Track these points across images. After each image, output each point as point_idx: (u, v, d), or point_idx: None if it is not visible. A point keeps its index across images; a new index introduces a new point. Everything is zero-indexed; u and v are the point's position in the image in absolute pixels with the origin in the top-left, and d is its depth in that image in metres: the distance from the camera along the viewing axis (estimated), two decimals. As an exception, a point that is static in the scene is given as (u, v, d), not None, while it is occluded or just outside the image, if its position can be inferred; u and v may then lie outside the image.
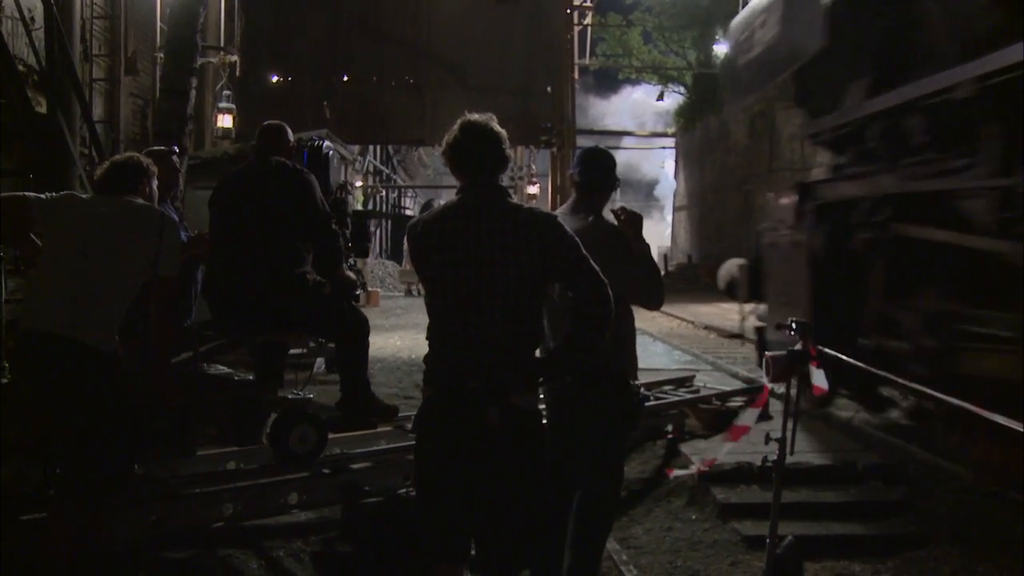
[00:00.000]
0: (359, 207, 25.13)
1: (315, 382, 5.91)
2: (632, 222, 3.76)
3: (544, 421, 3.34)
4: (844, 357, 4.03)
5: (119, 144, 11.91)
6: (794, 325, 3.97)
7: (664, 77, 34.68)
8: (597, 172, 3.94)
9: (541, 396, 3.27)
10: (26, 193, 3.90)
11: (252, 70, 15.17)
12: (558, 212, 3.99)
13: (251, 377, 5.45)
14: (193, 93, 8.82)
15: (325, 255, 4.96)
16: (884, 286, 6.20)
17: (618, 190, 4.46)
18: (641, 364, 4.19)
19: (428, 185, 34.90)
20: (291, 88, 15.51)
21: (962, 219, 5.24)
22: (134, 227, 3.88)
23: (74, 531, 3.77)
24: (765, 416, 5.44)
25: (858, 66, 6.67)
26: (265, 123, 5.19)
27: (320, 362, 7.73)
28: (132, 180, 4.00)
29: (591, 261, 2.96)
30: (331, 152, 6.16)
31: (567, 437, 3.80)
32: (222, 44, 13.95)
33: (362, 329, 5.06)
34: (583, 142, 23.31)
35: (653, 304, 3.99)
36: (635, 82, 34.88)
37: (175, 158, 4.84)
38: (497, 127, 3.07)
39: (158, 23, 12.72)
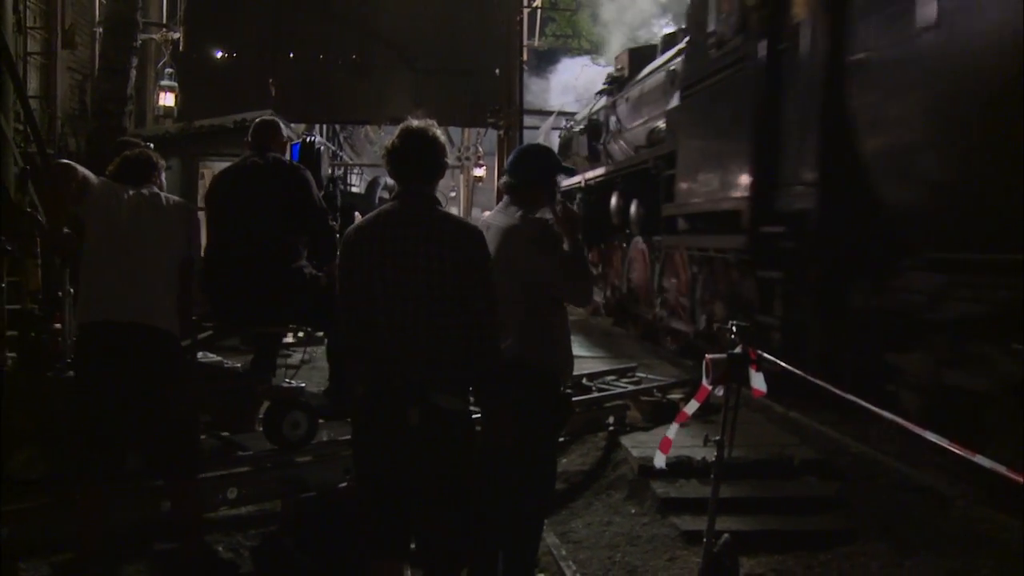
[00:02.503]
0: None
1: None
2: (567, 219, 3.74)
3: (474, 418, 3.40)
4: (783, 363, 4.09)
5: (56, 120, 11.59)
6: (734, 328, 4.02)
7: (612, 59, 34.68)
8: (524, 168, 3.90)
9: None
10: (77, 165, 4.10)
11: (196, 46, 14.85)
12: (493, 210, 4.01)
13: (238, 366, 5.75)
14: (133, 72, 8.59)
15: (322, 249, 5.10)
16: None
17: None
18: (584, 353, 4.24)
19: (375, 164, 34.58)
20: (235, 65, 15.23)
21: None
22: (170, 215, 4.14)
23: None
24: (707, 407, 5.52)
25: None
26: (259, 119, 5.38)
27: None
28: (146, 172, 4.25)
29: (489, 290, 3.12)
30: (321, 147, 6.32)
31: (494, 434, 3.81)
32: (164, 20, 13.62)
33: None
34: (530, 122, 23.28)
35: (581, 302, 4.00)
36: (574, 54, 34.78)
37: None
38: (436, 133, 3.21)
39: (96, -2, 12.39)
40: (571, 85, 25.30)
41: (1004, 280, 4.89)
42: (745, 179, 7.28)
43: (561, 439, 6.42)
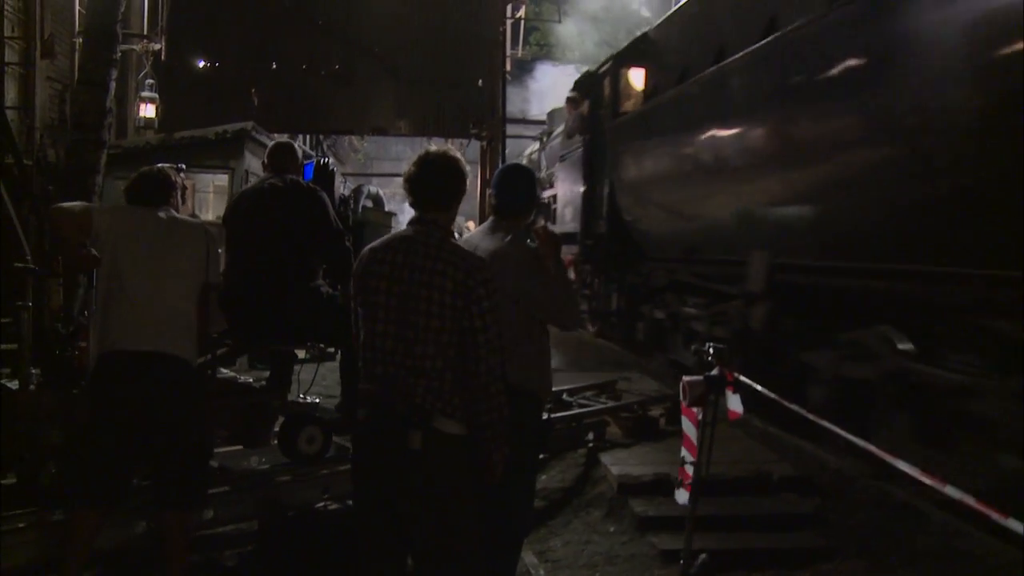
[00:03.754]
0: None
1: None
2: (548, 242, 3.78)
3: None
4: (758, 386, 4.11)
5: (35, 130, 11.51)
6: (711, 350, 4.03)
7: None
8: (515, 195, 3.96)
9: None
10: (86, 204, 4.07)
11: (178, 56, 14.77)
12: (477, 231, 4.02)
13: (251, 381, 5.95)
14: (113, 85, 8.53)
15: (339, 269, 5.15)
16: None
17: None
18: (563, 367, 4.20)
19: (359, 173, 34.49)
20: (217, 75, 15.16)
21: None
22: (187, 241, 4.11)
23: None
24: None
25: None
26: (275, 142, 5.60)
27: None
28: (163, 193, 4.21)
29: (495, 332, 3.13)
30: (335, 167, 6.43)
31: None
32: (145, 31, 13.55)
33: None
34: (514, 130, 23.29)
35: (569, 325, 4.01)
36: (558, 63, 34.83)
37: (182, 175, 4.99)
38: (455, 160, 3.29)
39: (77, 6, 12.28)
40: (554, 94, 25.34)
41: (674, 266, 10.17)
42: (578, 214, 13.55)
43: (541, 456, 6.44)
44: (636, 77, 11.53)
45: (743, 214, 7.82)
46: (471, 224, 34.22)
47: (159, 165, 5.38)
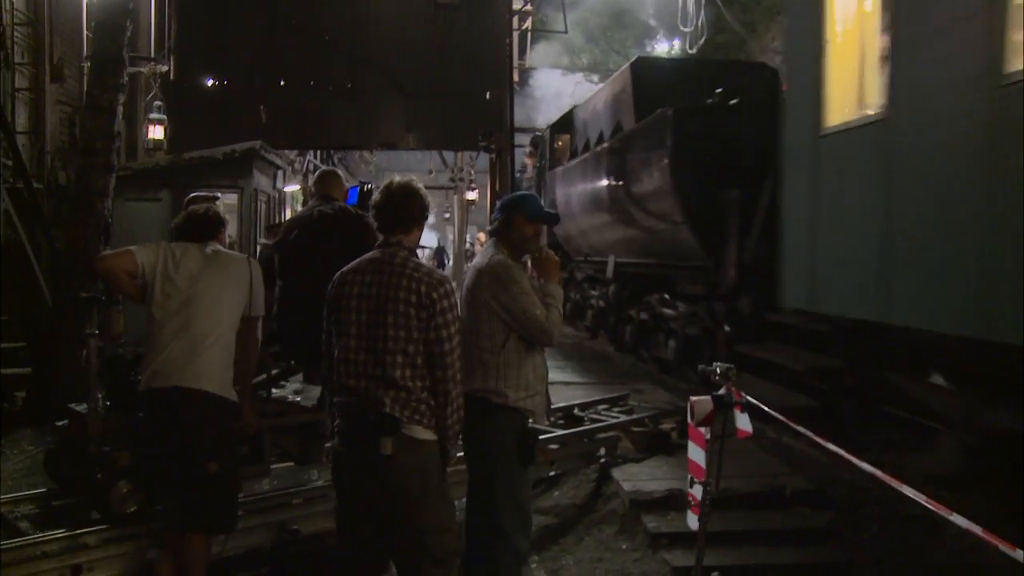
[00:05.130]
0: (299, 207, 24.87)
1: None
2: (543, 265, 4.02)
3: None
4: (763, 406, 4.08)
5: (46, 155, 11.60)
6: (719, 370, 4.01)
7: (607, 76, 34.78)
8: (492, 219, 4.19)
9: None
10: (131, 248, 4.24)
11: (186, 74, 14.83)
12: (481, 251, 4.12)
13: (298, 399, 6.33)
14: (120, 109, 8.58)
15: None
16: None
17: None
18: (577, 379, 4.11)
19: (359, 180, 34.63)
20: (226, 92, 15.20)
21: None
22: (230, 276, 4.31)
23: None
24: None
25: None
26: (321, 170, 6.13)
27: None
28: (211, 229, 4.44)
29: (457, 342, 3.40)
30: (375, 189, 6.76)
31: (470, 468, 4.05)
32: (152, 54, 13.62)
33: None
34: (519, 139, 23.41)
35: (542, 339, 3.99)
36: (566, 72, 34.88)
37: (218, 203, 5.30)
38: (413, 188, 3.57)
39: (84, 30, 12.36)
40: (557, 103, 25.50)
41: (580, 264, 15.88)
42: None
43: (552, 473, 6.42)
44: (563, 141, 16.31)
45: (604, 235, 13.12)
46: (482, 236, 34.36)
47: (195, 194, 5.65)
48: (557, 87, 29.47)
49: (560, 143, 16.50)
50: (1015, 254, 4.53)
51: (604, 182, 12.20)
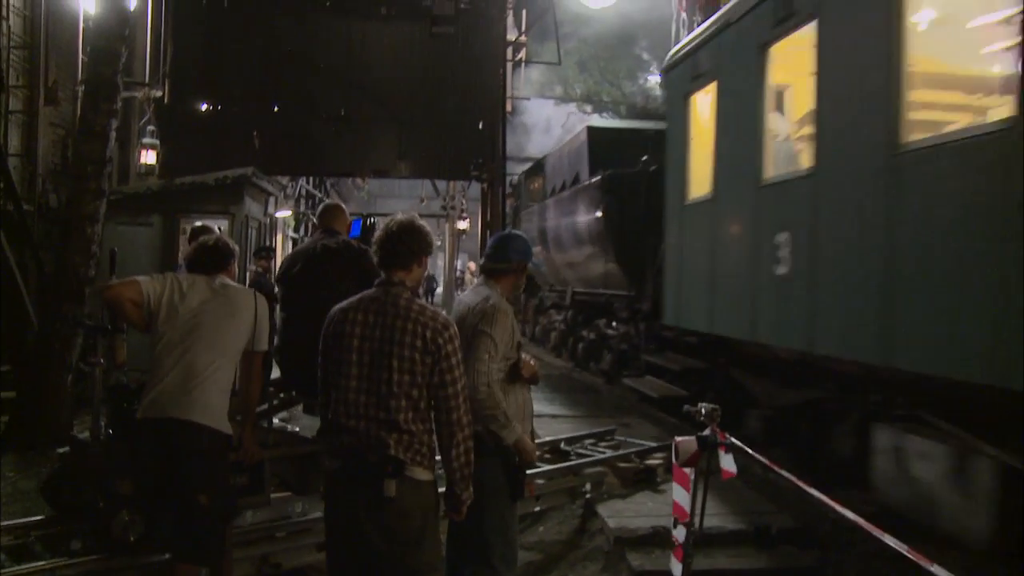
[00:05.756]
0: (292, 233, 24.89)
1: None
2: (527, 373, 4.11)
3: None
4: (747, 449, 4.09)
5: (37, 177, 11.60)
6: (703, 411, 4.02)
7: (599, 107, 35.01)
8: (498, 258, 4.21)
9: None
10: (137, 278, 4.25)
11: (180, 99, 14.90)
12: (470, 289, 4.16)
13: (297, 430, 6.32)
14: (113, 134, 8.58)
15: None
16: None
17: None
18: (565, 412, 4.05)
19: (362, 213, 34.64)
20: (220, 118, 15.27)
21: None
22: (234, 309, 4.32)
23: None
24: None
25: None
26: (324, 204, 6.22)
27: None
28: (220, 261, 4.47)
29: (462, 385, 3.38)
30: (378, 224, 6.91)
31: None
32: (147, 79, 13.68)
33: None
34: (516, 169, 23.68)
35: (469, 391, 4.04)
36: (559, 102, 35.12)
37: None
38: (413, 225, 3.52)
39: (80, 54, 12.40)
40: (553, 134, 25.81)
41: (548, 294, 18.65)
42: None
43: (537, 508, 6.40)
44: (536, 185, 18.71)
45: (563, 268, 15.76)
46: (472, 264, 34.40)
47: (199, 224, 5.66)
48: (548, 116, 29.72)
49: (533, 186, 19.27)
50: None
51: (563, 223, 14.95)
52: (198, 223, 6.27)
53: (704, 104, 8.93)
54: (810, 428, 7.12)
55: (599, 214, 12.39)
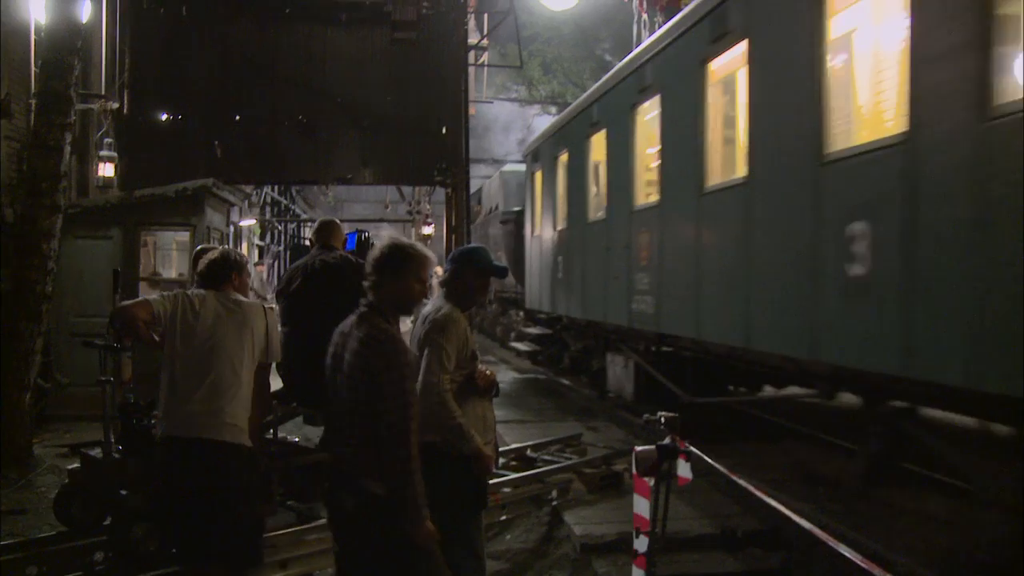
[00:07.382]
0: (258, 241, 24.69)
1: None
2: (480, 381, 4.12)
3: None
4: (707, 458, 4.10)
5: (-7, 191, 11.37)
6: (663, 420, 4.02)
7: (563, 108, 35.07)
8: (454, 272, 4.21)
9: None
10: (148, 298, 4.29)
11: (139, 109, 14.71)
12: (433, 299, 4.12)
13: (297, 440, 6.58)
14: (68, 148, 8.44)
15: None
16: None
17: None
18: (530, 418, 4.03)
19: (357, 228, 34.45)
20: (180, 128, 15.10)
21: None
22: (248, 325, 4.33)
23: None
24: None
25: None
26: (321, 219, 6.33)
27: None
28: (226, 273, 4.45)
29: (394, 403, 3.33)
30: (374, 239, 7.07)
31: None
32: (104, 90, 13.48)
33: None
34: (479, 170, 23.73)
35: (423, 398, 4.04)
36: (524, 104, 35.16)
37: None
38: (398, 244, 3.66)
39: (32, 66, 12.18)
40: (513, 136, 26.07)
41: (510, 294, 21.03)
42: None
43: (503, 517, 6.38)
44: (478, 207, 23.16)
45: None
46: (439, 269, 34.30)
47: (201, 247, 5.68)
48: (507, 119, 29.85)
49: (477, 207, 24.11)
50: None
51: (491, 239, 20.25)
52: (199, 247, 6.31)
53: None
54: (586, 358, 12.44)
55: (500, 233, 18.91)
